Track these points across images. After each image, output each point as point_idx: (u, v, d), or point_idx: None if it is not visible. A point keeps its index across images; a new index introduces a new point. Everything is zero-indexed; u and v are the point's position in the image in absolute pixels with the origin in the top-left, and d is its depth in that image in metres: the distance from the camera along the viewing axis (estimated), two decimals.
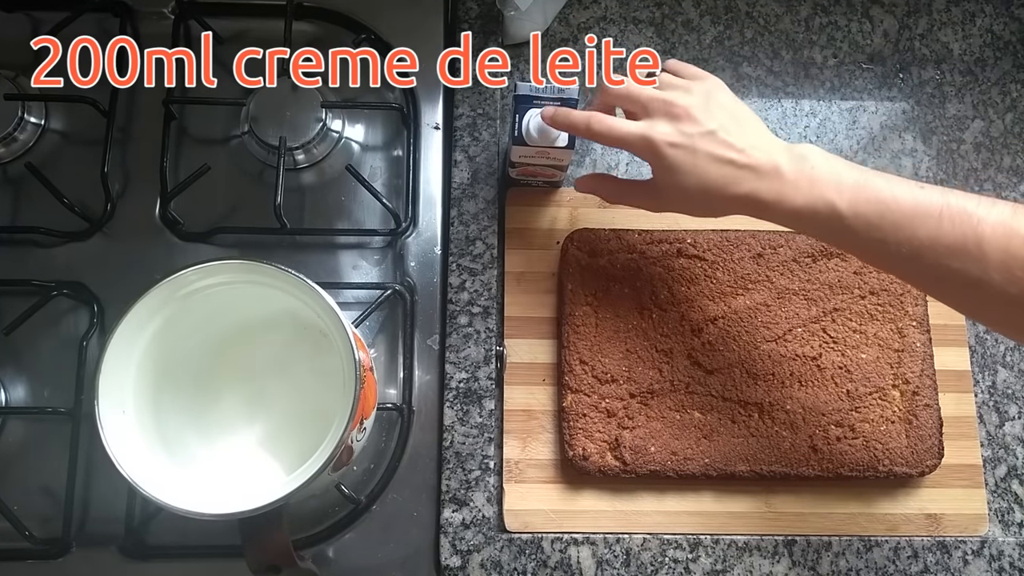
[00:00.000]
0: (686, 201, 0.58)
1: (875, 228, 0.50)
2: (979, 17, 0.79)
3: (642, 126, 0.56)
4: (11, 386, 0.66)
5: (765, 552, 0.65)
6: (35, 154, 0.71)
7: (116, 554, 0.62)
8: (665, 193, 0.58)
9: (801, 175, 0.53)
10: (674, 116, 0.56)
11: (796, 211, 0.53)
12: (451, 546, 0.64)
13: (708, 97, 0.57)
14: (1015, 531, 0.66)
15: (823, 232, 0.53)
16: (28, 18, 0.74)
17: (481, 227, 0.71)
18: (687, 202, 0.58)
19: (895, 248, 0.50)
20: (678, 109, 0.56)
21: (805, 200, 0.52)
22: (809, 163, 0.53)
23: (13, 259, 0.68)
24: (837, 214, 0.51)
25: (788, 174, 0.53)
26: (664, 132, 0.55)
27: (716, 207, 0.56)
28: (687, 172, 0.55)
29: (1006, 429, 0.69)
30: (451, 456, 0.66)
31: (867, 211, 0.51)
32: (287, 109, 0.70)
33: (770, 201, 0.53)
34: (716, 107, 0.56)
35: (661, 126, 0.56)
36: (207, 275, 0.55)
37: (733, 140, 0.55)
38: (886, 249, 0.51)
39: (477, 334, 0.68)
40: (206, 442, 0.61)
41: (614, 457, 0.64)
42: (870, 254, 0.53)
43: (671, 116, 0.56)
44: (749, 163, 0.54)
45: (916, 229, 0.49)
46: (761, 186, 0.54)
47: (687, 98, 0.56)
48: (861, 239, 0.51)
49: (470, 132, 0.73)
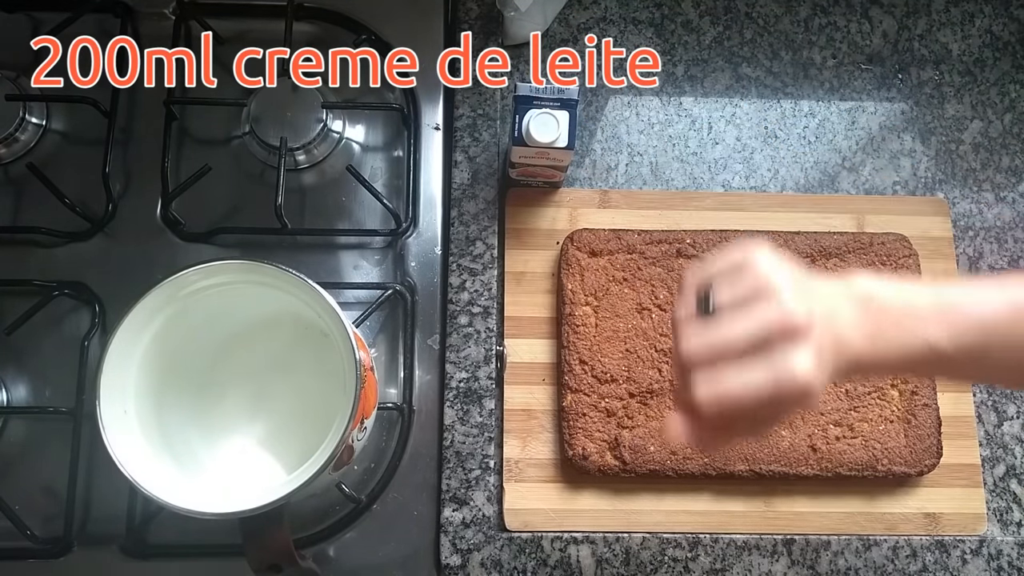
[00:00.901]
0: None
1: (977, 356, 0.44)
2: (978, 18, 0.79)
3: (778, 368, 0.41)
4: (13, 386, 0.66)
5: (764, 551, 0.65)
6: (36, 154, 0.71)
7: (117, 553, 0.63)
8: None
9: (882, 322, 0.44)
10: (786, 335, 0.41)
11: (890, 365, 0.45)
12: (451, 545, 0.64)
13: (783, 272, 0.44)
14: (1013, 530, 0.66)
15: (923, 369, 0.49)
16: (28, 18, 0.74)
17: (481, 227, 0.71)
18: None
19: (1003, 365, 0.46)
20: (784, 325, 0.41)
21: (901, 352, 0.44)
22: (875, 303, 0.44)
23: (14, 259, 0.68)
24: (936, 353, 0.44)
25: (865, 325, 0.44)
26: (802, 363, 0.41)
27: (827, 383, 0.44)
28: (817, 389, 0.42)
29: (1004, 429, 0.69)
30: (451, 455, 0.66)
31: (964, 339, 0.44)
32: (288, 110, 0.70)
33: (866, 363, 0.44)
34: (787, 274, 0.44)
35: (793, 356, 0.41)
36: (208, 275, 0.55)
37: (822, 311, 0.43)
38: (990, 368, 0.46)
39: (477, 334, 0.69)
40: (207, 442, 0.61)
41: (614, 456, 0.65)
42: (975, 377, 0.51)
43: (785, 336, 0.41)
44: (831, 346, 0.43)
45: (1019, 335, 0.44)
46: (847, 356, 0.43)
47: (775, 307, 0.42)
48: (966, 367, 0.47)
49: (470, 132, 0.74)
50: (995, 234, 0.73)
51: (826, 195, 0.74)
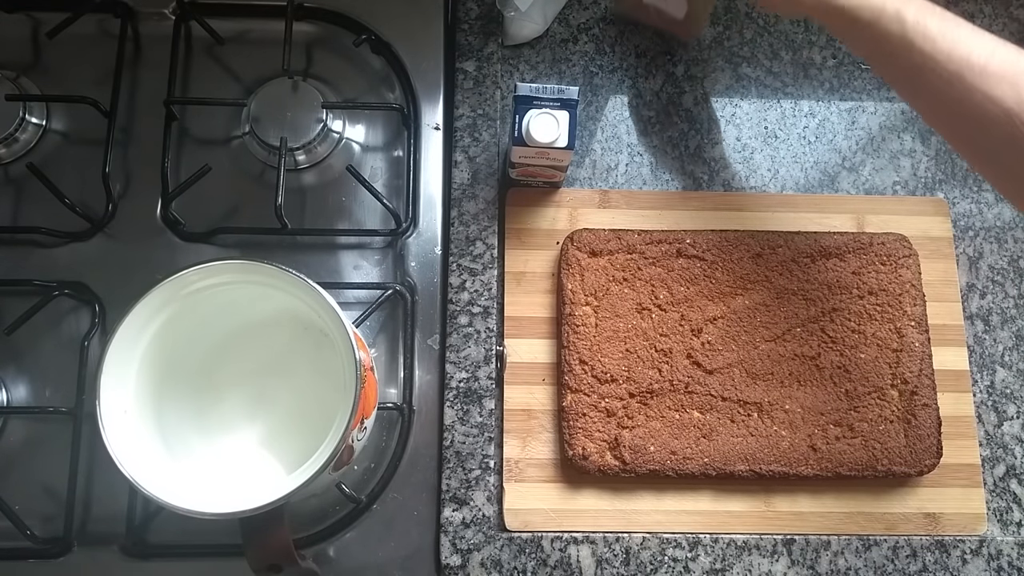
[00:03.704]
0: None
1: (930, 41, 0.51)
2: (978, 17, 0.79)
3: None
4: (13, 386, 0.66)
5: (764, 551, 0.65)
6: (36, 154, 0.71)
7: (117, 553, 0.63)
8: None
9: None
10: None
11: (861, 3, 0.53)
12: (451, 545, 0.64)
13: None
14: (1013, 530, 0.66)
15: (876, 38, 0.53)
16: (28, 18, 0.74)
17: (481, 227, 0.71)
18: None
19: (942, 66, 0.51)
20: None
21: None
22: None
23: (15, 259, 0.68)
24: (900, 18, 0.52)
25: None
26: None
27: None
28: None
29: (1004, 429, 0.69)
30: (451, 455, 0.66)
31: (930, 24, 0.51)
32: (288, 110, 0.70)
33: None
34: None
35: None
36: (208, 275, 0.55)
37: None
38: (932, 66, 0.51)
39: (477, 334, 0.69)
40: (207, 441, 0.61)
41: (614, 456, 0.65)
42: (908, 71, 0.53)
43: None
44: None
45: (971, 51, 0.50)
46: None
47: None
48: (913, 50, 0.52)
49: (470, 132, 0.74)
50: (995, 234, 0.73)
51: (826, 195, 0.74)
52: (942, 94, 0.52)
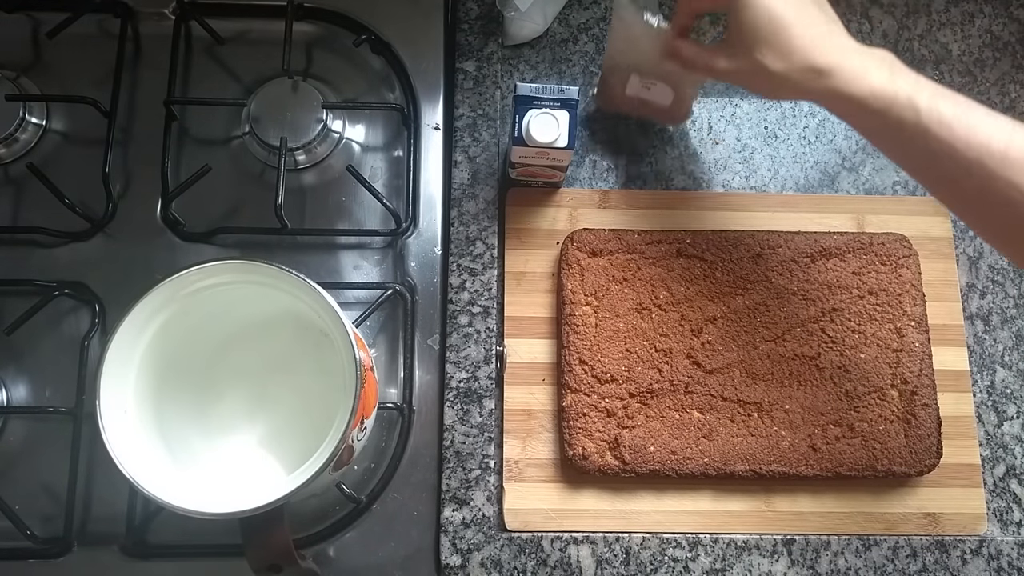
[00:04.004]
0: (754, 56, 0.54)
1: (947, 128, 0.49)
2: (978, 18, 0.79)
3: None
4: (13, 386, 0.66)
5: (764, 551, 0.65)
6: (36, 154, 0.71)
7: (117, 553, 0.63)
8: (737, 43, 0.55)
9: (882, 63, 0.52)
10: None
11: (873, 93, 0.51)
12: (451, 545, 0.64)
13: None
14: (1013, 530, 0.66)
15: (890, 126, 0.51)
16: (28, 19, 0.74)
17: (481, 227, 0.71)
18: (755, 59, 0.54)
19: (960, 154, 0.49)
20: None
21: (884, 85, 0.51)
22: (888, 59, 0.53)
23: (15, 259, 0.68)
24: (914, 106, 0.50)
25: (870, 59, 0.52)
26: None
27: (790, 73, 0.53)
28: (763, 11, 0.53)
29: (1004, 429, 0.69)
30: (451, 455, 0.66)
31: (945, 110, 0.50)
32: (288, 110, 0.70)
33: (848, 76, 0.51)
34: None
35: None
36: (208, 275, 0.55)
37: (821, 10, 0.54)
38: (950, 153, 0.49)
39: (477, 334, 0.69)
40: (207, 441, 0.61)
41: (614, 456, 0.65)
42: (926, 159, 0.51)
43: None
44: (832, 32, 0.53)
45: (990, 137, 0.49)
46: (840, 58, 0.52)
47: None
48: (929, 138, 0.50)
49: (470, 132, 0.74)
50: None
51: (826, 195, 0.74)
52: (962, 181, 0.51)
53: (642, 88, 0.68)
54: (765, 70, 0.54)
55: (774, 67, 0.53)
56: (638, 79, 0.67)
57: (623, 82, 0.68)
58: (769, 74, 0.54)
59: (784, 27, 0.52)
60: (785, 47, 0.53)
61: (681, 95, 0.68)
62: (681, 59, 0.62)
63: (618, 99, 0.71)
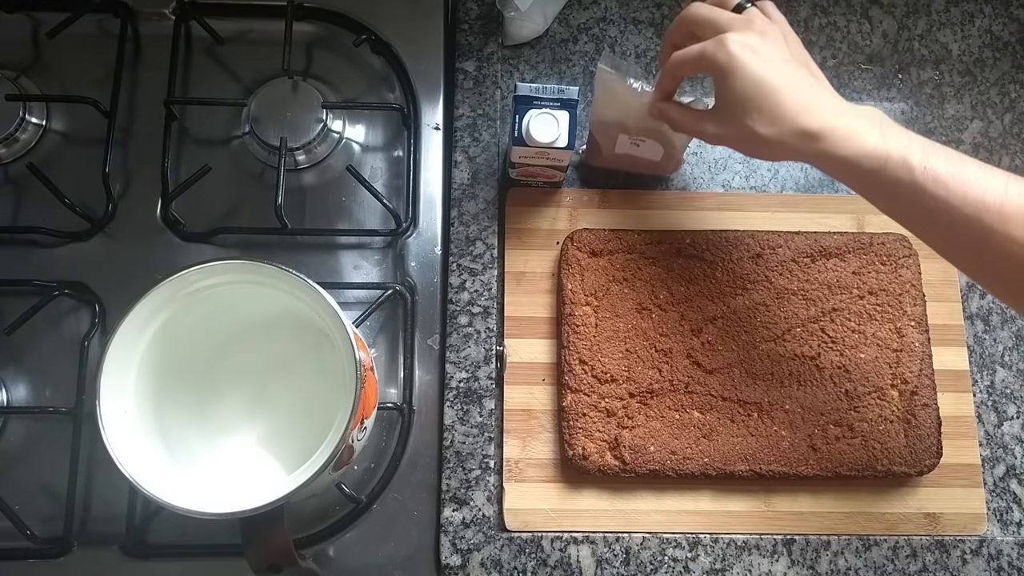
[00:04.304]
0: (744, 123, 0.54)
1: (942, 185, 0.49)
2: (978, 18, 0.79)
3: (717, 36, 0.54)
4: (13, 386, 0.66)
5: (764, 551, 0.65)
6: (36, 154, 0.71)
7: (117, 553, 0.63)
8: (726, 111, 0.55)
9: (872, 123, 0.52)
10: (753, 30, 0.54)
11: (865, 154, 0.51)
12: (451, 545, 0.64)
13: (790, 37, 0.56)
14: (1013, 530, 0.66)
15: (884, 185, 0.51)
16: (28, 19, 0.74)
17: (481, 227, 0.71)
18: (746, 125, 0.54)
19: (957, 210, 0.49)
20: (758, 26, 0.54)
21: (875, 145, 0.51)
22: (878, 118, 0.53)
23: (15, 259, 0.68)
24: (907, 165, 0.50)
25: (860, 119, 0.52)
26: (739, 36, 0.53)
27: (781, 138, 0.53)
28: (752, 80, 0.53)
29: (1004, 429, 0.69)
30: (451, 455, 0.66)
31: (938, 167, 0.49)
32: (288, 110, 0.70)
33: (839, 138, 0.51)
34: (796, 45, 0.56)
35: (738, 33, 0.54)
36: (208, 275, 0.56)
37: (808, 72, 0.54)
38: (947, 210, 0.49)
39: (477, 334, 0.69)
40: (207, 442, 0.61)
41: (614, 456, 0.65)
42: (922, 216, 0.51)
43: (750, 30, 0.54)
44: (821, 95, 0.53)
45: (985, 192, 0.49)
46: (831, 121, 0.52)
47: (771, 25, 0.55)
48: (925, 196, 0.50)
49: (470, 132, 0.74)
50: None
51: (826, 195, 0.74)
52: (959, 237, 0.51)
53: (631, 146, 0.68)
54: (756, 135, 0.54)
55: (765, 132, 0.53)
56: (627, 137, 0.67)
57: (612, 141, 0.68)
58: (760, 139, 0.54)
59: (773, 93, 0.52)
60: (775, 113, 0.53)
61: (671, 150, 0.68)
62: (669, 122, 0.62)
63: (608, 157, 0.70)
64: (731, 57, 0.53)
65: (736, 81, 0.53)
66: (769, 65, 0.53)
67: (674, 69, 0.58)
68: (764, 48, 0.53)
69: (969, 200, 0.49)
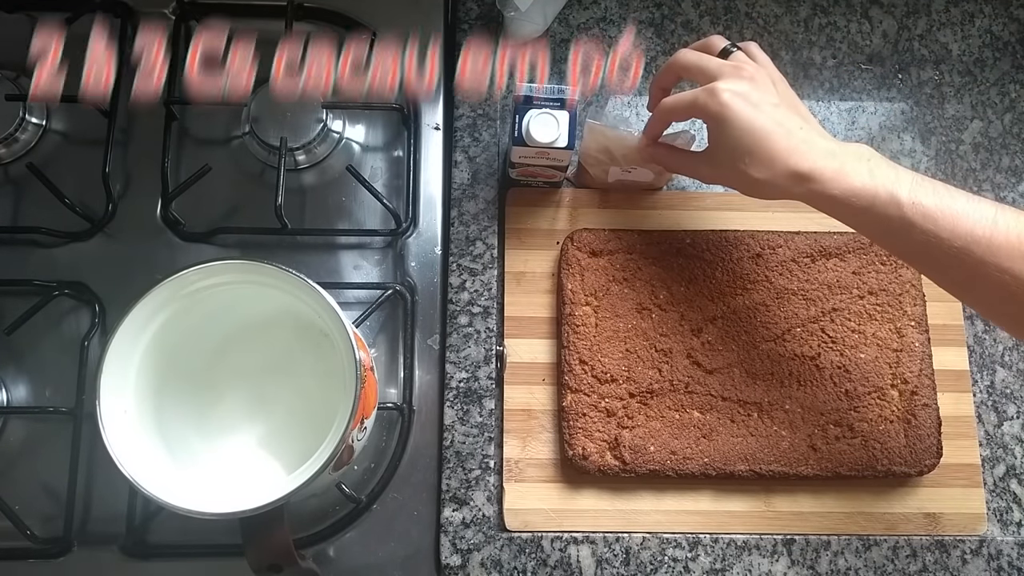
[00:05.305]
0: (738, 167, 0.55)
1: (931, 220, 0.51)
2: (978, 18, 0.79)
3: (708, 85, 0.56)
4: (12, 386, 0.66)
5: (764, 551, 0.65)
6: (36, 154, 0.71)
7: (117, 553, 0.63)
8: (719, 155, 0.57)
9: (861, 161, 0.53)
10: (743, 78, 0.56)
11: (854, 192, 0.52)
12: (451, 545, 0.64)
13: (777, 80, 0.58)
14: (1013, 530, 0.66)
15: (875, 221, 0.53)
16: (28, 18, 0.74)
17: (481, 227, 0.71)
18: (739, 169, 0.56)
19: (947, 243, 0.50)
20: (747, 73, 0.56)
21: (864, 184, 0.52)
22: (866, 155, 0.54)
23: (14, 259, 0.68)
24: (896, 201, 0.51)
25: (849, 158, 0.53)
26: (729, 84, 0.55)
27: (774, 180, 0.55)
28: (744, 127, 0.54)
29: (1004, 429, 0.69)
30: (451, 455, 0.66)
31: (927, 202, 0.51)
32: (288, 110, 0.70)
33: (829, 178, 0.53)
34: (783, 87, 0.58)
35: (728, 81, 0.55)
36: (208, 275, 0.55)
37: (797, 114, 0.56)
38: (937, 243, 0.51)
39: (477, 334, 0.69)
40: (207, 442, 0.61)
41: (614, 456, 0.65)
42: (914, 249, 0.53)
43: (740, 77, 0.56)
44: (811, 137, 0.54)
45: (974, 225, 0.50)
46: (821, 162, 0.53)
47: (759, 70, 0.57)
48: (915, 231, 0.51)
49: (470, 132, 0.74)
50: None
51: None
52: (951, 269, 0.52)
53: (623, 173, 0.69)
54: (749, 178, 0.56)
55: (758, 175, 0.55)
56: (618, 168, 0.68)
57: (604, 172, 0.69)
58: (753, 181, 0.56)
59: (764, 138, 0.54)
60: (767, 157, 0.54)
61: (662, 172, 0.69)
62: (662, 164, 0.64)
63: (599, 183, 0.72)
64: (723, 106, 0.55)
65: (730, 129, 0.55)
66: (760, 111, 0.54)
67: (664, 115, 0.60)
68: (754, 95, 0.55)
69: (958, 233, 0.50)
